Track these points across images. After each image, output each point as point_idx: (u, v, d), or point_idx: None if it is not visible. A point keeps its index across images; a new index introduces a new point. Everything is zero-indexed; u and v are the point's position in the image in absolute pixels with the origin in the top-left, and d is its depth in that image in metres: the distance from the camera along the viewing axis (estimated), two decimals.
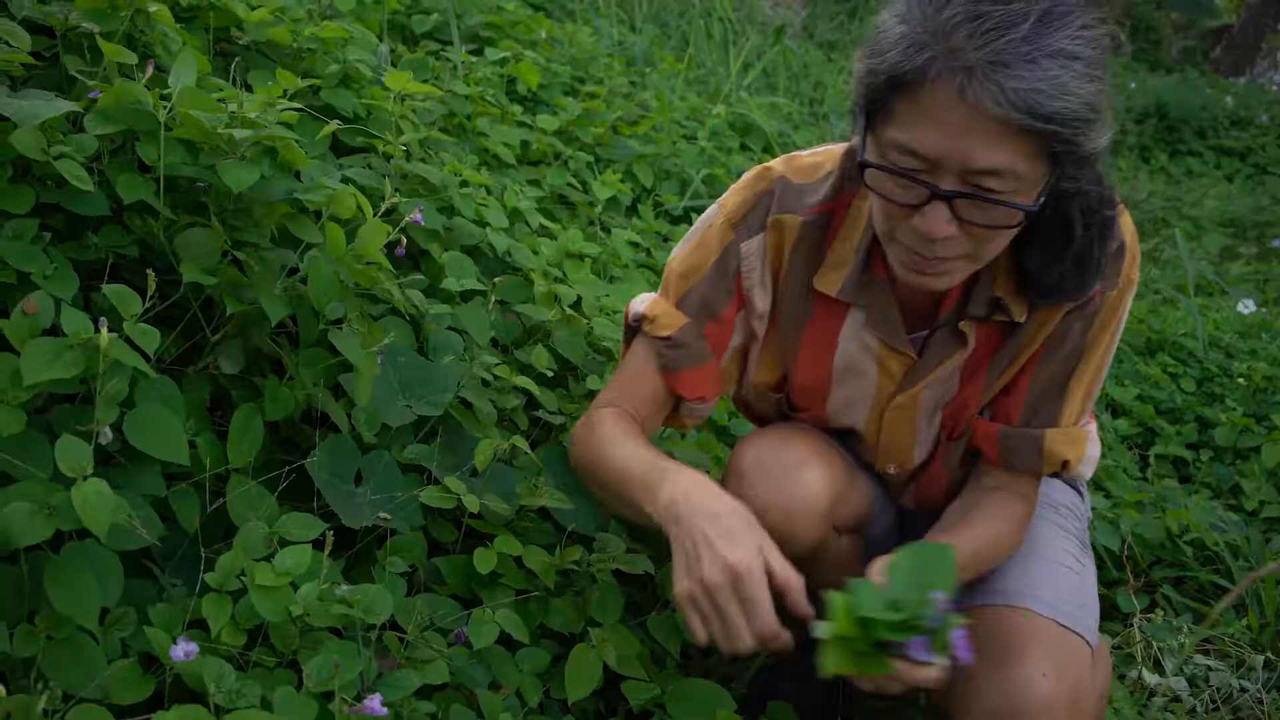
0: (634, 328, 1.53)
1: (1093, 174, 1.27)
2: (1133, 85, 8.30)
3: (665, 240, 2.78)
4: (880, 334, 1.44)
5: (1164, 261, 4.27)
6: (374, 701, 1.14)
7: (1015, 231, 1.23)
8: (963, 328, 1.40)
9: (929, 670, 1.14)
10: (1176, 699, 1.86)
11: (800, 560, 1.42)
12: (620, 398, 1.50)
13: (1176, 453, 2.73)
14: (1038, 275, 1.34)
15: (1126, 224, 1.38)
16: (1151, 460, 2.70)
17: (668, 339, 1.47)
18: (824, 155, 1.46)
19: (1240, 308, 3.42)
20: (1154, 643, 1.97)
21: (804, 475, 1.46)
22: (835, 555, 1.56)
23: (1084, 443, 1.48)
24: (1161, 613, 2.08)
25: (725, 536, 1.20)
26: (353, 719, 1.16)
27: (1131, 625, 2.02)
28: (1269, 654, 2.01)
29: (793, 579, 1.21)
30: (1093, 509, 2.35)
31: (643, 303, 1.51)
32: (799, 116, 4.98)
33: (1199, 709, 1.86)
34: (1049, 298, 1.36)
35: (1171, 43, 13.07)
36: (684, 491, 1.27)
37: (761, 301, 1.48)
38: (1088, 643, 1.42)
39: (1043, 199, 1.19)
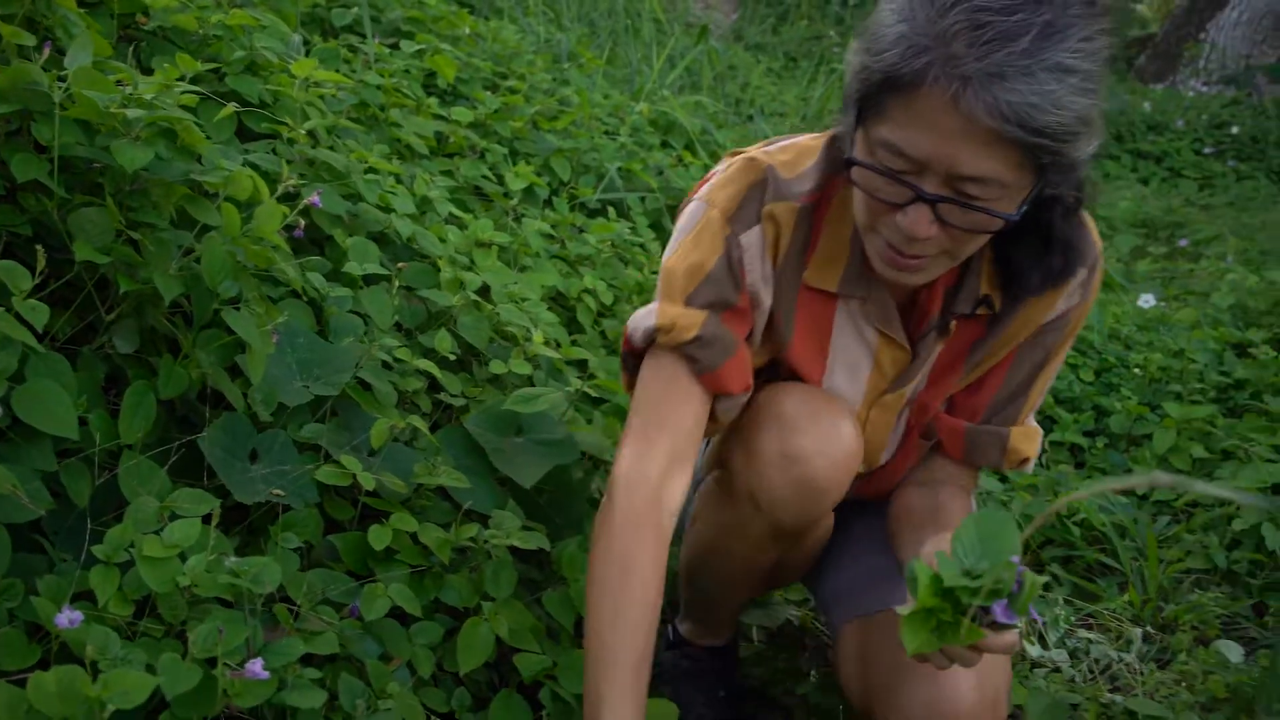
0: (640, 350, 1.46)
1: (1075, 179, 1.28)
2: None
3: (580, 231, 2.82)
4: (879, 324, 1.44)
5: None
6: (255, 665, 1.17)
7: (993, 234, 1.25)
8: (953, 327, 1.44)
9: (1011, 634, 1.14)
10: (1057, 669, 1.94)
11: (805, 529, 1.50)
12: (655, 437, 1.40)
13: (1073, 439, 2.83)
14: (1020, 273, 1.38)
15: (1096, 238, 1.43)
16: (1047, 447, 2.78)
17: (696, 339, 1.39)
18: (796, 147, 1.44)
19: (1141, 302, 3.54)
20: (1039, 618, 2.04)
21: (846, 428, 1.44)
22: (822, 532, 1.60)
23: (1038, 439, 1.55)
24: (1048, 590, 2.16)
25: None
26: (235, 683, 1.18)
27: None
28: (1148, 628, 2.10)
29: None
30: (989, 493, 2.43)
31: (647, 317, 1.43)
32: (723, 116, 5.04)
33: (1078, 679, 1.94)
34: (1029, 294, 1.40)
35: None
36: None
37: (766, 296, 1.44)
38: None
39: (1025, 207, 1.21)
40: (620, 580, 1.34)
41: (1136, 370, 3.10)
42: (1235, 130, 8.09)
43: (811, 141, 1.44)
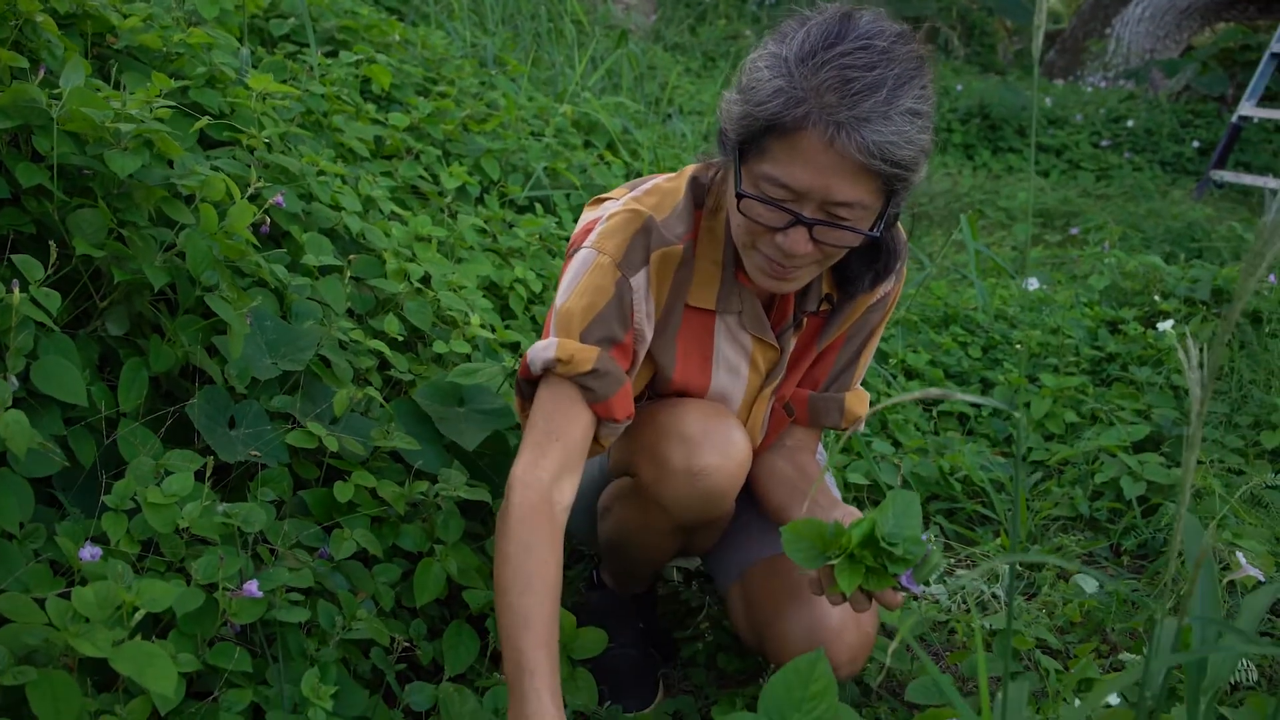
0: (535, 378, 1.62)
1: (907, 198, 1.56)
2: (959, 87, 8.87)
3: (510, 226, 3.06)
4: (754, 331, 1.68)
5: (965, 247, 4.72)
6: (251, 585, 1.41)
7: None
8: (804, 323, 1.71)
9: (900, 595, 1.40)
10: (935, 602, 2.23)
11: (708, 523, 1.75)
12: (548, 447, 1.56)
13: (961, 409, 3.13)
14: (856, 276, 1.67)
15: (903, 234, 1.71)
16: (935, 415, 3.08)
17: (593, 371, 1.56)
18: (659, 190, 1.65)
19: (1026, 285, 3.86)
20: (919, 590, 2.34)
21: (738, 436, 1.66)
22: (724, 520, 1.84)
23: (866, 400, 1.84)
24: (932, 538, 2.45)
25: None
26: (234, 602, 1.42)
27: None
28: (1017, 565, 2.40)
29: None
30: (881, 456, 2.72)
31: (546, 350, 1.57)
32: (642, 116, 5.30)
33: (954, 609, 2.22)
34: (862, 292, 1.70)
35: (1005, 47, 13.84)
36: None
37: (648, 331, 1.63)
38: None
39: (882, 224, 1.45)
40: (523, 557, 1.46)
41: (1019, 346, 3.41)
42: (1131, 124, 8.54)
43: (668, 184, 1.67)
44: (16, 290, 1.43)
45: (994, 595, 2.24)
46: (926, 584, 1.38)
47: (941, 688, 1.10)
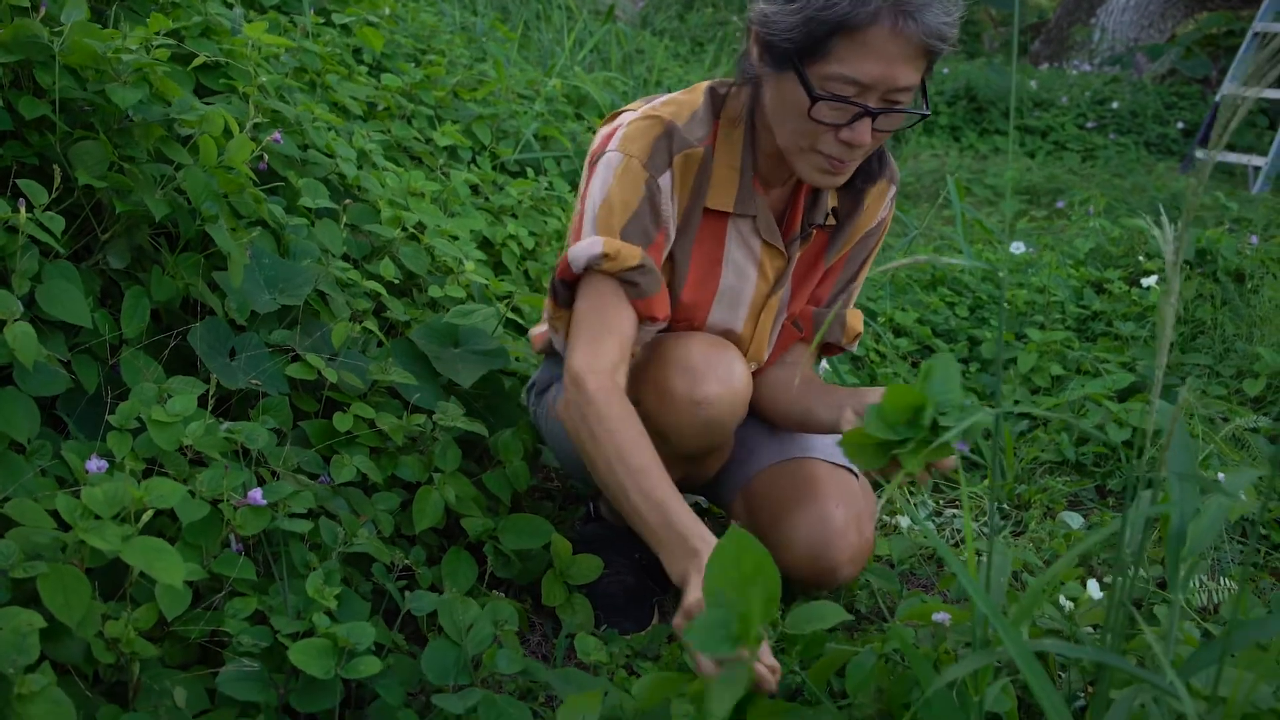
0: (574, 278, 1.66)
1: None
2: (945, 70, 8.91)
3: (501, 189, 3.10)
4: (766, 236, 1.75)
5: (954, 217, 4.77)
6: (255, 494, 1.44)
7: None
8: (812, 233, 1.79)
9: (954, 456, 1.42)
10: (924, 538, 2.27)
11: (710, 452, 1.81)
12: (604, 339, 1.62)
13: None
14: (861, 169, 1.74)
15: (894, 162, 1.82)
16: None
17: (639, 267, 1.62)
18: (674, 102, 1.71)
19: (1012, 249, 3.90)
20: (911, 501, 2.37)
21: (739, 368, 1.71)
22: (725, 451, 1.89)
23: (861, 319, 1.95)
24: (915, 485, 2.49)
25: None
26: (238, 513, 1.45)
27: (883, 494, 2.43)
28: (1003, 505, 2.45)
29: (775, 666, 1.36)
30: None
31: (590, 247, 1.62)
32: (632, 94, 5.33)
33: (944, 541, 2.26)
34: (854, 191, 1.79)
35: (990, 37, 13.89)
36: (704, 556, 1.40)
37: (672, 231, 1.70)
38: (857, 476, 1.87)
39: (926, 101, 1.57)
40: (625, 425, 1.56)
41: (1005, 305, 3.46)
42: (1115, 105, 8.58)
43: (684, 96, 1.73)
44: (23, 210, 1.46)
45: (980, 533, 2.28)
46: (971, 444, 1.40)
47: (927, 534, 1.14)
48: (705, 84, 1.74)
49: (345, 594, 1.49)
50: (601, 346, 1.62)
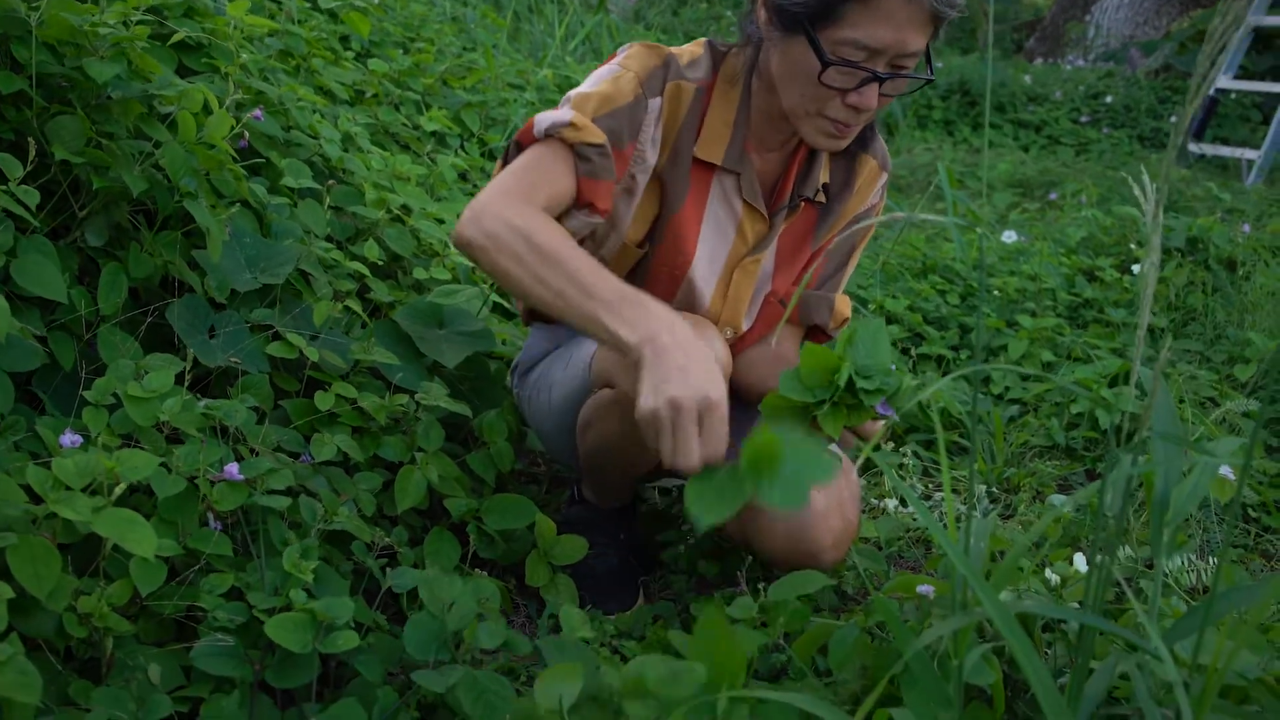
0: (534, 139, 1.59)
1: None
2: (939, 64, 8.90)
3: (488, 175, 3.08)
4: (747, 197, 1.74)
5: (943, 208, 4.76)
6: (232, 468, 1.42)
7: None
8: (800, 204, 1.79)
9: (879, 423, 1.45)
10: (913, 518, 2.25)
11: None
12: (520, 193, 1.52)
13: (940, 352, 3.15)
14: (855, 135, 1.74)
15: (886, 149, 1.83)
16: (915, 357, 3.11)
17: (599, 146, 1.58)
18: (676, 50, 1.70)
19: (1004, 238, 3.89)
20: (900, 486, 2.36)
21: (718, 345, 1.66)
22: None
23: (849, 304, 1.93)
24: (910, 465, 2.48)
25: (702, 370, 1.33)
26: (215, 488, 1.43)
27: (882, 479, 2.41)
28: (991, 488, 2.43)
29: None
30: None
31: (559, 114, 1.58)
32: None
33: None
34: (844, 157, 1.80)
35: (983, 33, 13.88)
36: (668, 326, 1.37)
37: (651, 156, 1.67)
38: (841, 459, 1.82)
39: (930, 67, 1.57)
40: (547, 226, 1.47)
41: (996, 293, 3.44)
42: (1109, 100, 8.58)
43: (686, 47, 1.73)
44: None
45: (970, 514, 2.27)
46: (898, 409, 1.40)
47: (912, 503, 1.12)
48: (705, 40, 1.75)
49: (324, 571, 1.48)
50: (525, 191, 1.53)
